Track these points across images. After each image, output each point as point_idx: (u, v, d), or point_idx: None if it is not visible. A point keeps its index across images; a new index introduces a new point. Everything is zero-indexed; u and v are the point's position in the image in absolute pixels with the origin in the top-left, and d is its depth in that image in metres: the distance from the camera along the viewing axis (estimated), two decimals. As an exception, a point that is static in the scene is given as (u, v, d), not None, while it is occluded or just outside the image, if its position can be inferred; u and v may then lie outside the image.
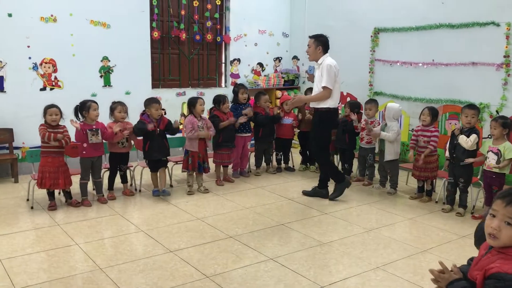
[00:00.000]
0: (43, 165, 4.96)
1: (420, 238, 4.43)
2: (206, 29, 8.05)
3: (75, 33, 6.66)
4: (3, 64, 6.20)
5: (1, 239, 4.22)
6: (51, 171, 4.96)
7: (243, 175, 6.61)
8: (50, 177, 4.95)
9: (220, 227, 4.61)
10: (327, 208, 5.26)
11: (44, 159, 4.97)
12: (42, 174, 4.94)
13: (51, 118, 4.94)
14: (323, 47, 5.33)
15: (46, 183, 4.96)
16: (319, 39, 5.34)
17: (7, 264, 3.71)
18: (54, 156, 4.98)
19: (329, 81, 5.18)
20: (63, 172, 5.04)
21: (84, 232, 4.44)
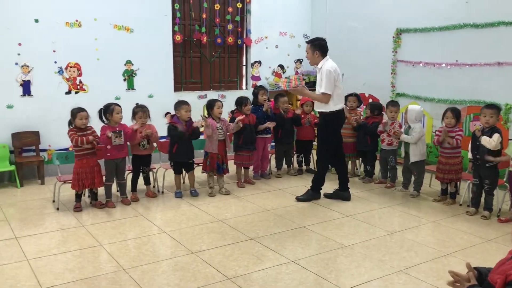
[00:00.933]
0: (79, 166, 5.08)
1: (444, 241, 4.35)
2: (227, 32, 8.09)
3: (99, 38, 6.78)
4: (30, 69, 6.35)
5: (28, 240, 4.32)
6: (87, 171, 5.09)
7: (264, 177, 6.61)
8: (88, 178, 5.09)
9: (241, 228, 4.63)
10: (349, 210, 5.22)
11: (79, 162, 5.09)
12: (78, 175, 5.06)
13: (81, 122, 5.05)
14: (320, 51, 5.26)
15: (85, 184, 5.09)
16: (315, 43, 5.28)
17: (33, 264, 3.79)
18: (88, 158, 5.11)
19: (328, 86, 5.14)
20: (98, 172, 5.19)
21: (108, 233, 4.51)
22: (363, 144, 6.38)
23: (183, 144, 5.53)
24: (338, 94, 5.25)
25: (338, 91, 5.24)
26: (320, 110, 5.35)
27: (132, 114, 5.55)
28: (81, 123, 5.04)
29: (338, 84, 5.21)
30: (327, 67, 5.15)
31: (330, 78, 5.12)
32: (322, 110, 5.31)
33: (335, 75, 5.16)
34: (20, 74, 6.29)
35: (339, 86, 5.24)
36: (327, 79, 5.12)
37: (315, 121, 6.73)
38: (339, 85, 5.24)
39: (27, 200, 5.58)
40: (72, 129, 5.08)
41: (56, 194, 5.35)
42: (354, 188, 6.09)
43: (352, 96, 6.59)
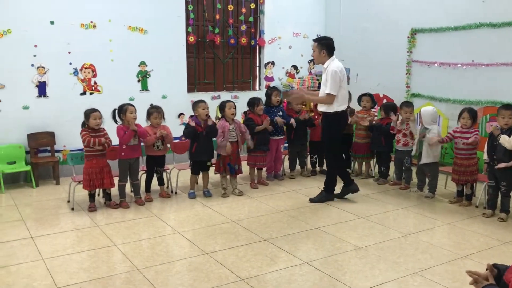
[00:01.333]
0: (89, 167, 5.13)
1: (460, 243, 4.31)
2: (241, 32, 8.11)
3: (114, 39, 6.84)
4: (46, 70, 6.43)
5: (44, 239, 4.38)
6: (97, 172, 5.14)
7: (277, 178, 6.61)
8: (97, 178, 5.14)
9: (255, 229, 4.63)
10: (363, 212, 5.20)
11: (89, 162, 5.14)
12: (89, 176, 5.11)
13: (95, 122, 5.10)
14: (327, 50, 5.22)
15: (95, 184, 5.15)
16: (322, 42, 5.25)
17: (49, 264, 3.84)
18: (98, 159, 5.15)
19: (333, 87, 5.11)
20: (108, 172, 5.23)
21: (122, 233, 4.55)
22: (377, 144, 6.35)
23: (202, 143, 5.55)
24: (343, 94, 5.23)
25: (343, 92, 5.21)
26: (323, 110, 5.31)
27: (147, 115, 5.59)
28: (95, 123, 5.09)
29: (343, 85, 5.18)
30: (332, 67, 5.13)
31: (336, 78, 5.10)
32: (325, 110, 5.28)
33: (341, 76, 5.13)
34: (36, 76, 6.38)
35: (344, 86, 5.21)
36: (333, 79, 5.10)
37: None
38: (344, 85, 5.21)
39: (42, 200, 5.66)
40: (85, 129, 5.13)
41: (71, 194, 5.41)
42: (368, 189, 6.06)
43: (366, 96, 6.56)
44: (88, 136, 5.05)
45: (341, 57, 8.42)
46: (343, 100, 5.26)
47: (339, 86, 5.14)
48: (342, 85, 5.17)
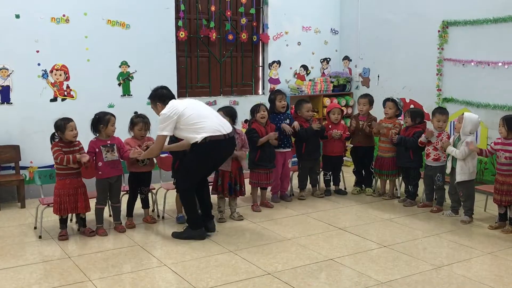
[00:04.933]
0: (61, 188, 5.14)
1: (502, 277, 4.28)
2: (241, 27, 8.16)
3: (90, 35, 6.90)
4: (10, 72, 6.48)
5: (5, 273, 4.37)
6: (70, 193, 5.14)
7: (284, 199, 6.60)
8: (70, 201, 5.13)
9: (256, 261, 4.61)
10: (387, 240, 5.18)
11: (61, 182, 5.15)
12: (60, 198, 5.11)
13: (72, 134, 5.12)
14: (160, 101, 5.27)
15: (67, 208, 5.14)
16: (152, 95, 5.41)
17: (11, 303, 3.83)
18: (72, 178, 5.16)
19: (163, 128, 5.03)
20: (83, 194, 5.23)
21: (99, 266, 4.53)
22: (404, 159, 6.33)
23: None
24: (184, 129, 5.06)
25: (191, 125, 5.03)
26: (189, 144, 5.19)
27: (130, 125, 5.60)
28: (72, 134, 5.12)
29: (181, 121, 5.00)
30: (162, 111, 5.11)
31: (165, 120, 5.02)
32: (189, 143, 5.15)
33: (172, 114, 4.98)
34: (-2, 79, 6.44)
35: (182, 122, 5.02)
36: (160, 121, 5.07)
37: (346, 134, 6.72)
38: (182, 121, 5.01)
39: (4, 227, 5.65)
40: (57, 143, 5.14)
41: (39, 219, 5.41)
42: (393, 212, 6.05)
43: (389, 102, 6.56)
44: (61, 152, 5.06)
45: (359, 55, 8.64)
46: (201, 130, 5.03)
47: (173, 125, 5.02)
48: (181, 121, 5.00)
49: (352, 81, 8.91)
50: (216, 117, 5.23)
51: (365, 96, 6.89)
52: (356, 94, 8.69)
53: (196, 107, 5.15)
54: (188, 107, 5.05)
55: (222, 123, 5.18)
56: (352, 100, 8.79)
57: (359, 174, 7.02)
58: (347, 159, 7.58)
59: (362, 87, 8.67)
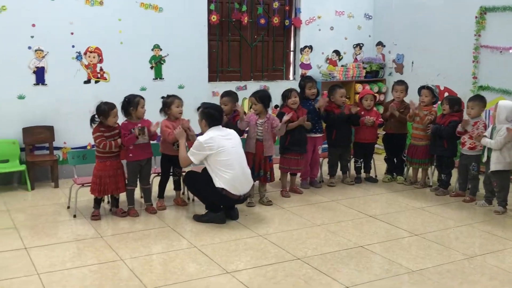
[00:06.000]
0: (101, 169, 5.23)
1: (538, 269, 4.22)
2: (273, 11, 8.11)
3: (124, 18, 6.95)
4: (45, 54, 6.58)
5: (39, 251, 4.48)
6: (111, 175, 5.24)
7: (314, 185, 6.59)
8: (111, 182, 5.23)
9: (286, 246, 4.63)
10: (418, 228, 5.14)
11: (102, 164, 5.24)
12: (100, 179, 5.21)
13: (114, 120, 5.22)
14: (208, 120, 5.24)
15: (107, 189, 5.24)
16: (204, 111, 5.32)
17: (45, 279, 3.93)
18: (112, 160, 5.26)
19: (194, 153, 5.12)
20: (122, 175, 5.35)
21: (130, 246, 4.61)
22: (438, 147, 6.25)
23: None
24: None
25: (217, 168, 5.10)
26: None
27: (164, 106, 5.62)
28: (114, 121, 5.22)
29: (212, 160, 5.09)
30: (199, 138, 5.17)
31: (198, 148, 5.10)
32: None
33: (206, 146, 5.06)
34: (33, 60, 6.53)
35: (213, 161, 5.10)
36: (195, 147, 5.14)
37: (379, 121, 6.65)
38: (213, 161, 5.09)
39: (38, 206, 5.79)
40: (98, 128, 5.21)
41: (72, 199, 5.52)
42: (425, 201, 6.00)
43: (425, 90, 6.47)
44: (104, 139, 5.15)
45: (392, 41, 8.53)
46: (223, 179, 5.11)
47: (203, 157, 5.11)
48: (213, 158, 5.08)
49: (385, 67, 8.80)
50: (243, 169, 5.23)
51: (402, 83, 6.80)
52: (389, 80, 8.59)
53: (231, 153, 5.13)
54: (222, 151, 5.08)
55: (245, 178, 5.22)
56: (385, 86, 8.69)
57: (391, 162, 6.96)
58: (378, 146, 7.51)
59: (396, 73, 8.56)
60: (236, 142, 5.28)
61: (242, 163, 5.24)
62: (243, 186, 5.19)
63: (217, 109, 5.37)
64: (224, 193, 5.07)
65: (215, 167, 5.09)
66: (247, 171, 5.28)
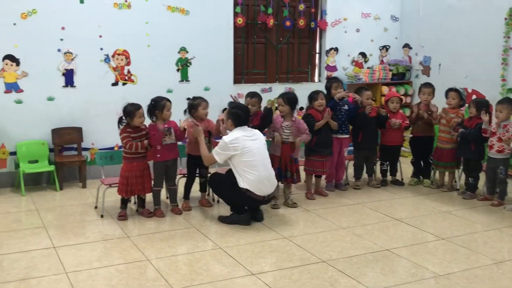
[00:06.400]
0: (128, 170, 5.30)
1: None
2: (298, 13, 8.12)
3: (151, 21, 7.03)
4: (74, 56, 6.69)
5: (68, 250, 4.56)
6: (138, 175, 5.31)
7: (339, 188, 6.57)
8: (137, 183, 5.30)
9: (311, 249, 4.62)
10: (445, 232, 5.08)
11: (129, 164, 5.31)
12: (127, 180, 5.28)
13: (140, 120, 5.28)
14: (235, 121, 5.23)
15: (134, 190, 5.31)
16: (231, 111, 5.30)
17: (73, 278, 3.99)
18: (139, 161, 5.33)
19: (219, 153, 5.14)
20: (148, 176, 5.41)
21: (156, 246, 4.66)
22: (465, 150, 6.17)
23: None
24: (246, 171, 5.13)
25: (241, 168, 5.12)
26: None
27: (191, 109, 5.65)
28: (140, 121, 5.28)
29: (237, 160, 5.11)
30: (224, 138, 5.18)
31: (223, 147, 5.12)
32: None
33: (232, 146, 5.07)
34: (63, 62, 6.65)
35: (237, 161, 5.11)
36: (220, 147, 5.16)
37: (405, 123, 6.59)
38: (238, 162, 5.11)
39: (67, 205, 5.89)
40: (125, 129, 5.28)
41: (100, 199, 5.60)
42: (452, 205, 5.93)
43: (452, 92, 6.39)
44: (131, 140, 5.21)
45: (419, 43, 8.45)
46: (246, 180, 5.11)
47: (227, 157, 5.13)
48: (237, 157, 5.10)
49: (412, 69, 8.72)
50: (267, 170, 5.24)
51: (429, 86, 6.72)
52: (415, 83, 8.51)
53: (255, 154, 5.15)
54: (247, 151, 5.09)
55: (269, 179, 5.22)
56: (412, 89, 8.62)
57: (417, 165, 6.89)
58: (405, 149, 7.45)
59: (422, 75, 8.48)
60: (261, 143, 5.29)
61: (266, 165, 5.25)
62: (267, 187, 5.19)
63: (244, 110, 5.38)
64: (248, 194, 5.09)
65: (239, 167, 5.11)
66: (271, 173, 5.29)
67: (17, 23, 6.35)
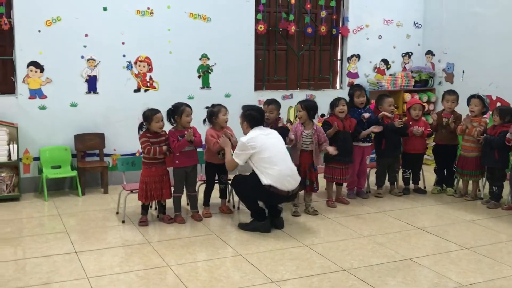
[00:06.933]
0: (147, 175, 5.34)
1: None
2: (320, 20, 8.11)
3: (173, 28, 7.09)
4: (97, 63, 6.78)
5: (89, 255, 4.60)
6: (156, 181, 5.34)
7: (361, 195, 6.53)
8: (156, 188, 5.34)
9: (332, 257, 4.60)
10: (469, 242, 5.01)
11: (148, 170, 5.35)
12: (146, 185, 5.32)
13: (158, 125, 5.32)
14: (248, 122, 5.30)
15: (153, 195, 5.34)
16: (245, 113, 5.36)
17: (94, 283, 4.03)
18: (158, 166, 5.37)
19: (238, 155, 5.21)
20: (167, 181, 5.44)
21: (177, 252, 4.68)
22: (489, 159, 6.09)
23: None
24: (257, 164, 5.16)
25: (262, 166, 5.13)
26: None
27: (210, 115, 5.68)
28: (158, 126, 5.31)
29: (257, 158, 5.14)
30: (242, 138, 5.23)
31: (242, 149, 5.17)
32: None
33: (251, 144, 5.11)
34: (86, 69, 6.73)
35: (257, 159, 5.14)
36: (239, 148, 5.22)
37: (428, 131, 6.53)
38: (258, 159, 5.13)
39: (89, 211, 5.95)
40: (144, 134, 5.33)
41: (121, 205, 5.65)
42: (476, 214, 5.85)
43: (475, 99, 6.31)
44: (149, 144, 5.26)
45: (443, 50, 8.37)
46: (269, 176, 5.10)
47: (247, 156, 5.16)
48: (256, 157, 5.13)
49: (435, 76, 8.64)
50: (288, 165, 5.25)
51: (453, 93, 6.65)
52: (438, 90, 8.42)
53: (273, 150, 5.18)
54: (265, 148, 5.13)
55: (291, 174, 5.22)
56: (435, 96, 8.54)
57: (441, 173, 6.81)
58: (428, 157, 7.37)
59: (446, 83, 8.40)
60: (279, 140, 5.34)
61: (286, 160, 5.27)
62: (290, 182, 5.18)
63: (258, 111, 5.43)
64: (272, 190, 5.07)
65: (259, 165, 5.13)
66: (292, 167, 5.30)
67: (41, 30, 6.45)
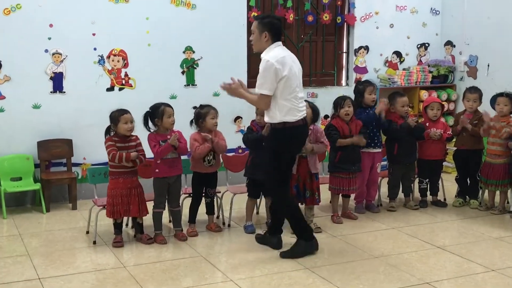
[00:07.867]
0: (113, 187, 5.32)
1: None
2: (322, 6, 8.14)
3: (152, 17, 7.09)
4: (63, 58, 6.76)
5: (55, 282, 4.56)
6: (123, 194, 5.30)
7: (371, 209, 6.54)
8: (123, 203, 5.29)
9: (338, 281, 4.59)
10: (495, 262, 5.02)
11: (114, 181, 5.33)
12: (113, 199, 5.28)
13: (125, 127, 5.28)
14: (271, 33, 4.94)
15: (120, 210, 5.30)
16: (265, 21, 4.99)
17: (61, 315, 4.00)
18: (126, 178, 5.33)
19: (264, 85, 4.86)
20: (138, 196, 5.37)
21: (157, 278, 4.64)
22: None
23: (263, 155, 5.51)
24: (290, 98, 4.94)
25: (289, 94, 4.91)
26: (269, 122, 5.08)
27: (197, 117, 5.67)
28: (126, 128, 5.28)
29: (289, 83, 4.88)
30: (266, 57, 4.89)
31: (270, 72, 4.84)
32: (270, 121, 5.05)
33: (279, 67, 4.81)
34: (51, 64, 6.72)
35: (291, 85, 4.89)
36: (263, 74, 4.86)
37: (447, 134, 6.55)
38: (292, 84, 4.90)
39: (54, 230, 5.91)
40: (111, 138, 5.32)
41: (92, 222, 5.62)
42: (504, 230, 5.87)
43: (503, 97, 6.34)
44: (114, 148, 5.23)
45: (464, 40, 8.40)
46: (287, 109, 4.93)
47: (276, 84, 4.86)
48: (287, 84, 4.88)
49: (455, 71, 8.69)
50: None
51: (476, 91, 6.67)
52: (460, 86, 8.47)
53: (299, 85, 5.08)
54: (293, 75, 4.91)
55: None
56: (455, 93, 8.58)
57: (463, 183, 6.83)
58: (448, 164, 7.39)
59: (468, 78, 8.45)
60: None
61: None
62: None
63: (278, 18, 5.26)
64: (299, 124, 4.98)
65: (287, 98, 4.88)
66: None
67: (-2, 20, 6.45)
